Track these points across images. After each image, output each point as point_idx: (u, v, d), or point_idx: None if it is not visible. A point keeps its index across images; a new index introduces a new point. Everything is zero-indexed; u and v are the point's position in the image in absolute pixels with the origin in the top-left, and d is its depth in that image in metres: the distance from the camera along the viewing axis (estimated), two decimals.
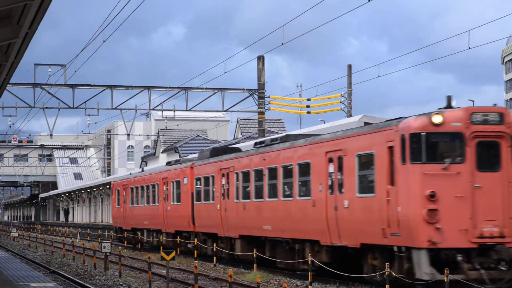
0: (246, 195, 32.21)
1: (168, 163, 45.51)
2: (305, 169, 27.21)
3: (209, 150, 38.46)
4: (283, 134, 31.70)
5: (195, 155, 52.55)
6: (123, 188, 52.61)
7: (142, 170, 53.35)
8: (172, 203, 41.66)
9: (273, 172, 29.70)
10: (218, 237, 35.56)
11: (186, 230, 39.83)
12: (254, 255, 30.67)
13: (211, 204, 35.85)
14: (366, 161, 23.70)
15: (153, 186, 45.36)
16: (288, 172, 28.46)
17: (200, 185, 37.49)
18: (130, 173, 55.55)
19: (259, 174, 30.98)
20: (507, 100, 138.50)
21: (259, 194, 31.07)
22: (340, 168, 24.92)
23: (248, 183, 31.93)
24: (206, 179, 36.68)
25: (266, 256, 30.44)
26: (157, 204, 44.35)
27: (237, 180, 32.99)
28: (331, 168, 25.41)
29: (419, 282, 21.62)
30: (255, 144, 32.99)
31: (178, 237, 40.68)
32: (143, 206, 47.54)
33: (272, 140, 31.06)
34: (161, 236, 43.01)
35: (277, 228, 29.30)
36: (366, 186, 23.77)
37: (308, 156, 26.91)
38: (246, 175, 32.23)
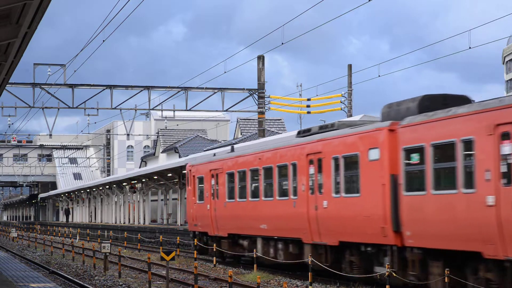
0: None
1: (305, 132, 28.52)
2: None
3: (416, 100, 22.74)
4: None
5: (357, 117, 36.39)
6: (211, 174, 35.43)
7: (232, 150, 36.24)
8: (333, 195, 25.11)
9: None
10: (482, 260, 19.36)
11: (374, 242, 23.25)
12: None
13: (465, 196, 19.52)
14: None
15: (282, 168, 28.80)
16: None
17: (422, 160, 21.06)
18: (214, 154, 38.07)
19: None
20: None
21: None
22: None
23: None
24: (443, 148, 20.45)
25: None
26: (292, 197, 27.90)
27: None
28: None
29: (418, 282, 21.46)
30: None
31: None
32: (257, 201, 30.91)
33: None
34: (308, 249, 26.88)
35: None
36: None
37: None
38: None
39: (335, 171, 24.99)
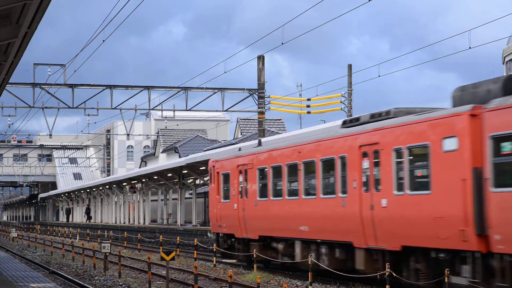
0: None
1: (352, 121, 25.21)
2: None
3: (499, 81, 19.29)
4: None
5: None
6: (239, 170, 31.91)
7: (260, 144, 33.19)
8: (394, 192, 21.50)
9: None
10: None
11: (449, 247, 19.66)
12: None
13: None
14: None
15: (328, 162, 25.19)
16: None
17: None
18: (240, 149, 34.64)
19: None
20: None
21: None
22: None
23: None
24: None
25: None
26: (340, 195, 24.33)
27: None
28: None
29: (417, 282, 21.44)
30: None
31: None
32: (296, 200, 27.22)
33: None
34: (361, 254, 23.48)
35: None
36: None
37: None
38: None
39: (397, 165, 21.35)
